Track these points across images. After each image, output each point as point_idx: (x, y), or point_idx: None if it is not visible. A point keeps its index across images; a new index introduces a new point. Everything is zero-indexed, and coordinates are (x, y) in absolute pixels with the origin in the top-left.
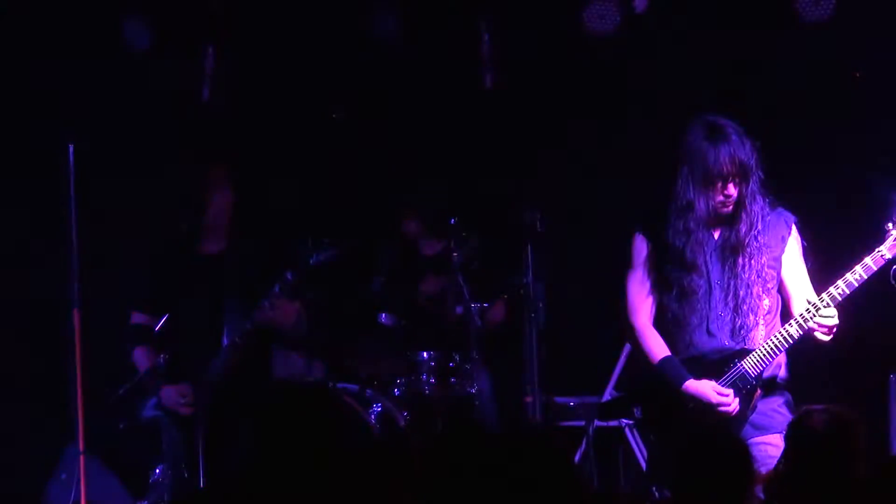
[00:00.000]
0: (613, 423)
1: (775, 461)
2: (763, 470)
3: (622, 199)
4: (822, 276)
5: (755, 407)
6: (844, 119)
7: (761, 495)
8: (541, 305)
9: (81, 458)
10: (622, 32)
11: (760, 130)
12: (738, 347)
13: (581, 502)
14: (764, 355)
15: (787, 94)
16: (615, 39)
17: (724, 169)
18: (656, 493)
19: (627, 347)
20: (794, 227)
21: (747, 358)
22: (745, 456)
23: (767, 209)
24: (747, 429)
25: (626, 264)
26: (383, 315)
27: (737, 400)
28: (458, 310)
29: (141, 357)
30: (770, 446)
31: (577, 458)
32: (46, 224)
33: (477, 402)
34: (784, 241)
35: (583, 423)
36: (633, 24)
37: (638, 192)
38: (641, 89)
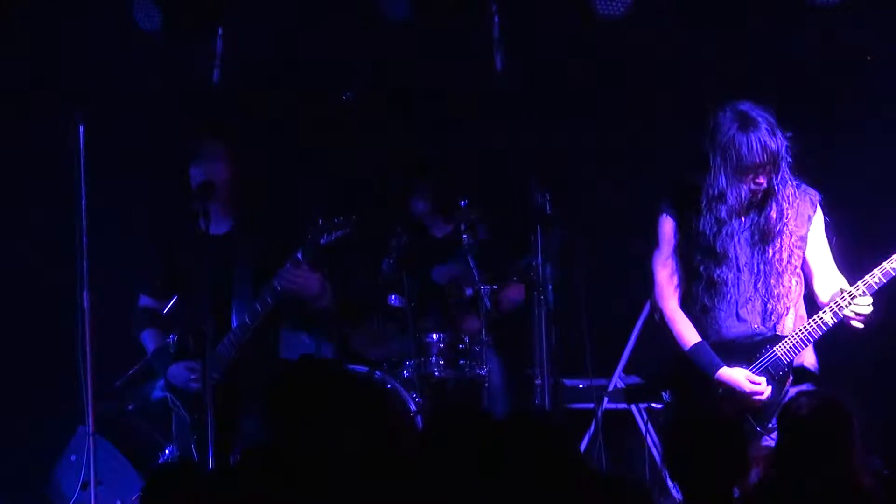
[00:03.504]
0: (622, 405)
1: None
2: None
3: (633, 181)
4: (854, 260)
5: (787, 393)
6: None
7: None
8: (550, 287)
9: (90, 439)
10: (632, 15)
11: (787, 111)
12: (769, 333)
13: (584, 487)
14: (798, 342)
15: (810, 75)
16: (625, 22)
17: (757, 160)
18: (670, 481)
19: (636, 330)
20: (819, 206)
21: (780, 344)
22: (739, 438)
23: (794, 189)
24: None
25: (653, 245)
26: (393, 296)
27: (770, 388)
28: (469, 292)
29: (149, 339)
30: None
31: (585, 440)
32: (56, 206)
33: (486, 384)
34: (810, 220)
35: (592, 405)
36: (643, 7)
37: (650, 175)
38: (650, 73)
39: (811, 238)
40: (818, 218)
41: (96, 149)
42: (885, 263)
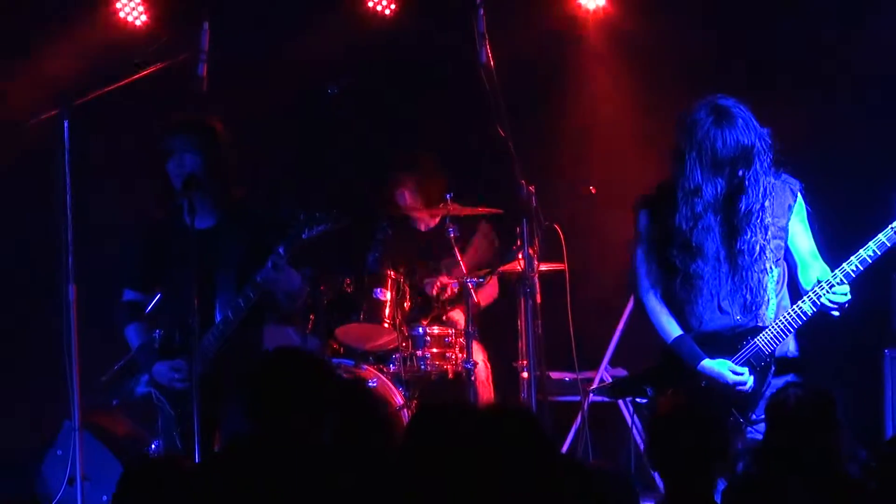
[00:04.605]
0: (608, 398)
1: None
2: None
3: (619, 173)
4: (834, 248)
5: (769, 384)
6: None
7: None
8: (536, 280)
9: (76, 434)
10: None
11: (768, 101)
12: (750, 325)
13: (560, 477)
14: (778, 332)
15: (792, 62)
16: (603, 13)
17: (732, 155)
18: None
19: (622, 323)
20: (799, 195)
21: (761, 335)
22: (721, 430)
23: (773, 179)
24: (762, 405)
25: (633, 242)
26: (378, 290)
27: (752, 378)
28: (454, 285)
29: (133, 334)
30: None
31: (572, 432)
32: (41, 200)
33: (472, 378)
34: (790, 209)
35: (578, 398)
36: None
37: (630, 165)
38: (635, 62)
39: (792, 227)
40: (799, 207)
41: (81, 142)
42: (861, 251)
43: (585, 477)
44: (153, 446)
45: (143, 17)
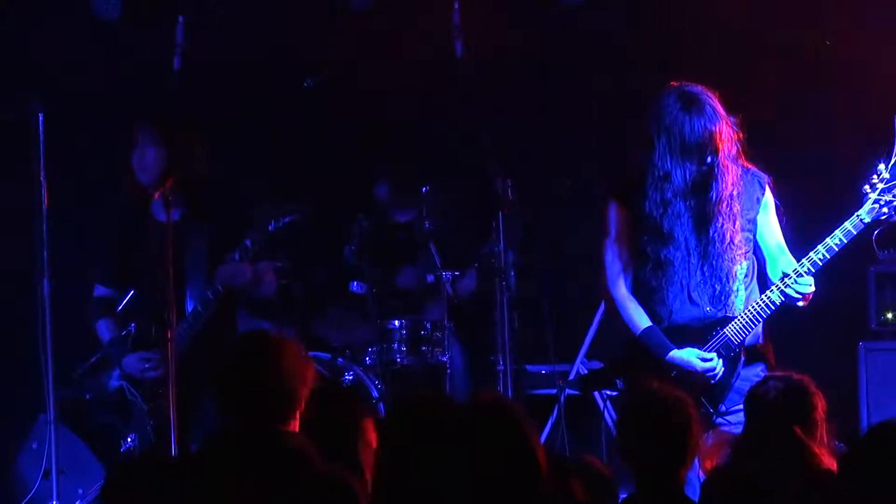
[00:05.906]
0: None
1: None
2: None
3: (596, 165)
4: (801, 240)
5: (738, 374)
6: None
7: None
8: (512, 273)
9: (51, 427)
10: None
11: (736, 95)
12: (719, 315)
13: (539, 471)
14: (747, 322)
15: (755, 57)
16: (586, 8)
17: (701, 140)
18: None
19: (599, 316)
20: (767, 188)
21: (730, 325)
22: (684, 418)
23: (741, 172)
24: (731, 396)
25: (602, 233)
26: (354, 283)
27: (721, 362)
28: (430, 278)
29: (104, 329)
30: None
31: (548, 425)
32: (15, 193)
33: (448, 371)
34: (759, 202)
35: (554, 391)
36: None
37: (609, 158)
38: (612, 56)
39: (761, 221)
40: (767, 200)
41: (55, 136)
42: (827, 239)
43: (565, 471)
44: (129, 440)
45: (118, 11)
